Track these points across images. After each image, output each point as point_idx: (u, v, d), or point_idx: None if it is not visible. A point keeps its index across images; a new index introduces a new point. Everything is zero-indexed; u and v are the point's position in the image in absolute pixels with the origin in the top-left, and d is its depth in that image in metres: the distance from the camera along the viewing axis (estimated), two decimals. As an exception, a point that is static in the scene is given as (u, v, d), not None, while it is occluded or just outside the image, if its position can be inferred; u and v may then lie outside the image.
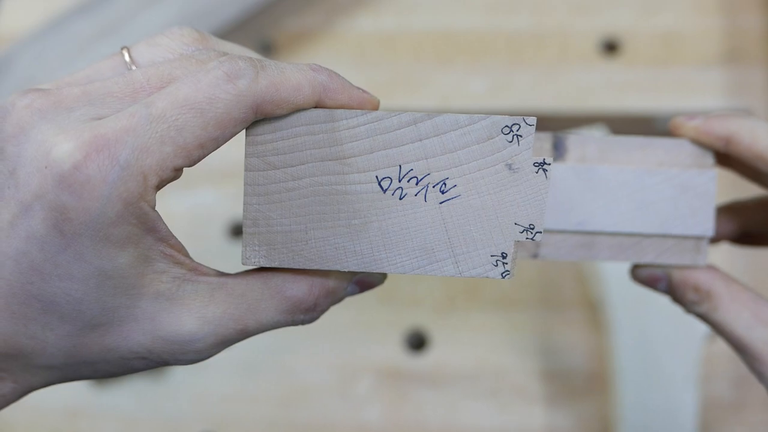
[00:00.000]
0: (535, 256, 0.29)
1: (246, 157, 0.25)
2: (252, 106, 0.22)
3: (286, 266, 0.25)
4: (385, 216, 0.24)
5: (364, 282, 0.27)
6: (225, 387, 0.52)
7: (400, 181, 0.24)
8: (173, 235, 0.23)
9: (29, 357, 0.23)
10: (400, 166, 0.24)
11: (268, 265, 0.25)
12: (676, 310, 0.32)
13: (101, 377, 0.25)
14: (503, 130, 0.24)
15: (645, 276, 0.31)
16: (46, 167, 0.20)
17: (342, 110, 0.24)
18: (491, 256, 0.24)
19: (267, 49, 0.61)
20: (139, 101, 0.22)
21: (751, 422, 0.49)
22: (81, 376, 0.24)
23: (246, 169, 0.25)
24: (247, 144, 0.24)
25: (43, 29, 0.57)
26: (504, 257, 0.24)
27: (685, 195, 0.29)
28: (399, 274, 0.54)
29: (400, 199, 0.24)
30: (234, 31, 0.58)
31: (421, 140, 0.24)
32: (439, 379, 0.52)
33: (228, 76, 0.22)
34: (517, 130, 0.24)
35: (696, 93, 0.56)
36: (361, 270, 0.25)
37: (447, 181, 0.24)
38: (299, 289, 0.25)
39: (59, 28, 0.56)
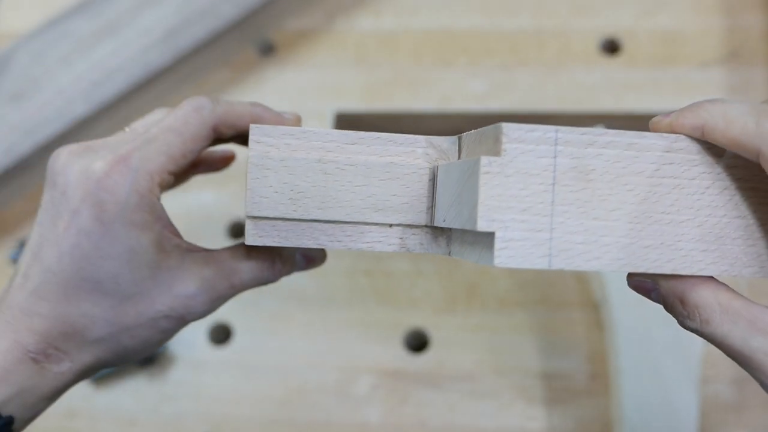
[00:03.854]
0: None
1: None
2: (212, 127, 0.32)
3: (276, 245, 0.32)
4: None
5: (308, 255, 0.35)
6: (225, 387, 0.52)
7: None
8: (172, 224, 0.32)
9: (82, 333, 0.31)
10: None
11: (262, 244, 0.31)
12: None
13: (139, 346, 0.32)
14: None
15: (635, 285, 0.30)
16: (87, 179, 0.30)
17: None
18: None
19: (267, 49, 0.61)
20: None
21: (751, 423, 0.49)
22: (123, 345, 0.31)
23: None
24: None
25: (43, 28, 0.57)
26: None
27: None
28: (398, 275, 0.54)
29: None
30: (234, 30, 0.58)
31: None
32: (439, 379, 0.52)
33: (195, 108, 0.32)
34: None
35: (696, 93, 0.56)
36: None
37: None
38: (262, 253, 0.34)
39: (58, 27, 0.56)
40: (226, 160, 0.41)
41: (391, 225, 0.31)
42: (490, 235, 0.26)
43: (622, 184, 0.27)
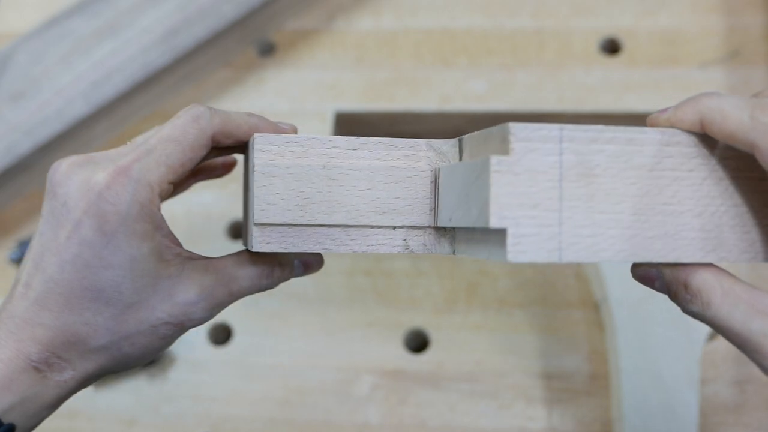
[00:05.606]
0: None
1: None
2: (210, 136, 0.32)
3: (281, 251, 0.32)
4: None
5: (305, 262, 0.36)
6: (225, 387, 0.52)
7: None
8: (172, 233, 0.32)
9: (85, 341, 0.31)
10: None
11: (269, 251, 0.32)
12: (677, 310, 0.32)
13: (139, 352, 0.32)
14: None
15: (640, 275, 0.31)
16: (88, 190, 0.30)
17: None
18: None
19: (267, 49, 0.61)
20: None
21: (751, 423, 0.49)
22: (124, 353, 0.32)
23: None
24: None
25: (42, 28, 0.57)
26: None
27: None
28: (398, 275, 0.55)
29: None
30: (234, 30, 0.58)
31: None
32: (439, 379, 0.52)
33: (193, 118, 0.32)
34: None
35: (696, 93, 0.56)
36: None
37: None
38: (261, 261, 0.34)
39: (58, 27, 0.56)
40: (228, 167, 0.41)
41: (395, 227, 0.31)
42: (500, 232, 0.27)
43: (625, 177, 0.28)
